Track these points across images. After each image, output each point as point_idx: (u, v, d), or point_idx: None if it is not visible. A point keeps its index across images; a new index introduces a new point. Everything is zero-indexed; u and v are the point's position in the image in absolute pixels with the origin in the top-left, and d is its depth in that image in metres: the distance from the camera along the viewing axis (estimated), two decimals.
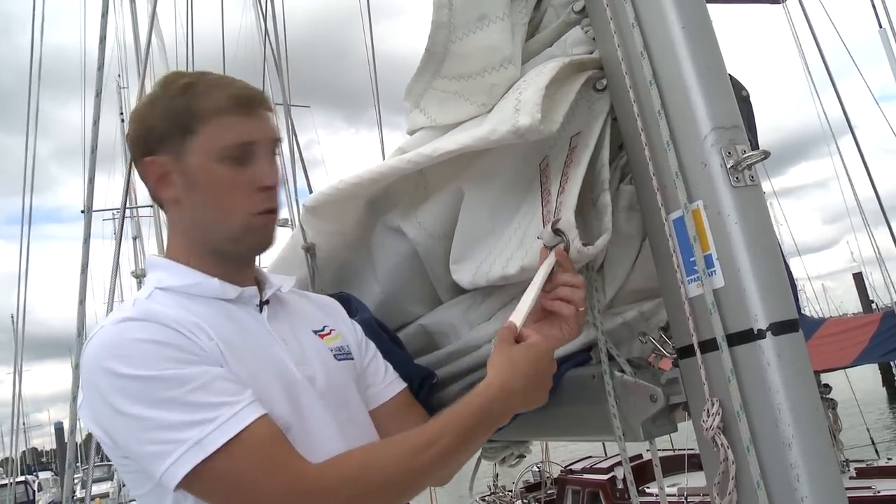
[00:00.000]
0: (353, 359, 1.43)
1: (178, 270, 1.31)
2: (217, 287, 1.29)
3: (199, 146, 1.27)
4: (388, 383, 1.50)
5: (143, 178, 1.35)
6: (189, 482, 1.09)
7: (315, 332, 1.40)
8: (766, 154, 1.22)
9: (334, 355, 1.39)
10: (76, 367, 2.10)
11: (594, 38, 1.44)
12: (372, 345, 1.52)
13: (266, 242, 1.35)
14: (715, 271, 1.22)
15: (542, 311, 1.35)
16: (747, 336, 1.20)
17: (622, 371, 1.43)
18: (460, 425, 1.21)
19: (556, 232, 1.33)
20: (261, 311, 1.34)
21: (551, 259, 1.33)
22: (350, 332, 1.49)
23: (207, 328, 1.20)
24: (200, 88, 1.29)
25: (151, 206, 12.76)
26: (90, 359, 1.15)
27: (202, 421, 1.09)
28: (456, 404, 1.21)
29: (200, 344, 1.17)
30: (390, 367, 1.52)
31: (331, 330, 1.43)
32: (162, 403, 1.10)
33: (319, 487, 1.12)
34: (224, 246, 1.31)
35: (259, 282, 1.38)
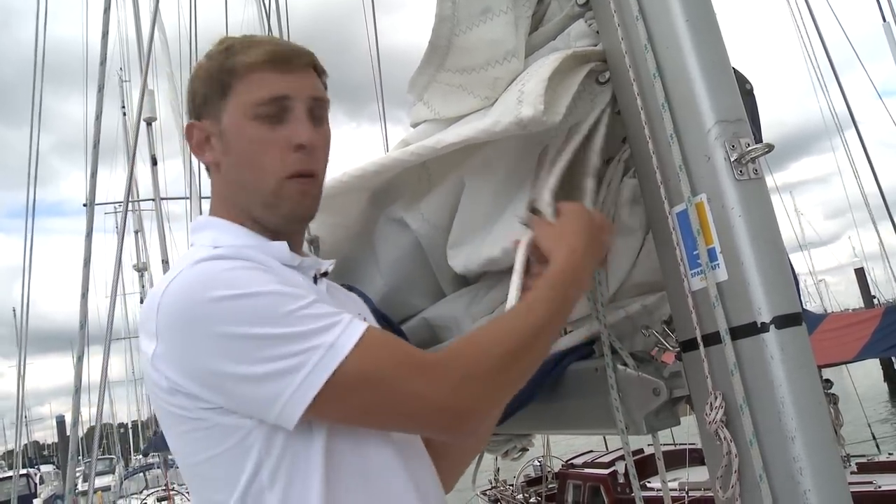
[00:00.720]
0: None
1: (233, 230, 1.24)
2: (283, 250, 1.22)
3: (233, 104, 1.23)
4: None
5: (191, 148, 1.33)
6: (328, 391, 1.03)
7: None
8: (770, 147, 1.22)
9: None
10: (79, 360, 2.12)
11: (598, 32, 1.43)
12: None
13: (302, 211, 1.26)
14: (718, 265, 1.22)
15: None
16: (750, 329, 1.20)
17: (625, 364, 1.43)
18: (554, 284, 1.23)
19: (534, 211, 1.34)
20: (315, 283, 1.28)
21: (528, 238, 1.33)
22: (376, 324, 1.45)
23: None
24: (237, 48, 1.25)
25: (153, 200, 12.76)
26: (181, 299, 1.07)
27: (327, 327, 1.05)
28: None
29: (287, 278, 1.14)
30: None
31: (364, 318, 1.37)
32: (283, 318, 1.04)
33: (455, 367, 1.10)
34: (260, 213, 1.24)
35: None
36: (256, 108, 1.21)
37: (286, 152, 1.21)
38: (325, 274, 1.30)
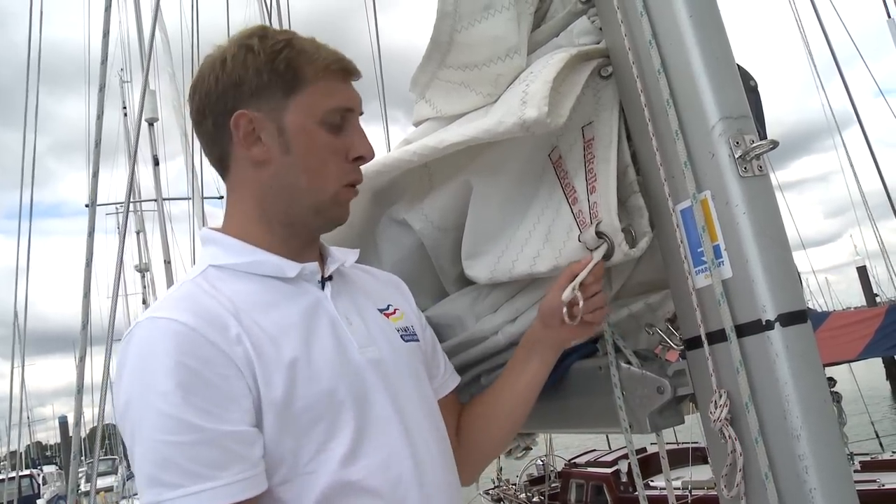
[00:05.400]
0: (419, 340, 1.38)
1: (234, 247, 1.24)
2: (276, 266, 1.22)
3: (300, 105, 1.21)
4: (448, 378, 1.48)
5: (209, 135, 1.27)
6: None
7: (380, 310, 1.35)
8: (775, 144, 1.21)
9: (401, 336, 1.33)
10: (81, 360, 2.11)
11: (601, 28, 1.42)
12: (432, 333, 1.48)
13: (345, 217, 1.30)
14: (723, 262, 1.21)
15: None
16: (755, 327, 1.18)
17: (629, 363, 1.42)
18: None
19: (599, 235, 1.33)
20: (323, 287, 1.27)
21: (591, 266, 1.32)
22: (414, 314, 1.44)
23: (248, 318, 1.14)
24: (305, 47, 1.24)
25: (155, 201, 12.77)
26: (117, 378, 1.11)
27: (168, 483, 1.03)
28: None
29: (227, 357, 1.08)
30: (448, 360, 1.50)
31: (395, 309, 1.38)
32: (153, 444, 1.05)
33: None
34: (306, 216, 1.25)
35: (321, 256, 1.33)
36: (326, 114, 1.23)
37: (345, 161, 1.25)
38: (330, 278, 1.29)
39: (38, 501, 26.57)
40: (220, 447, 1.04)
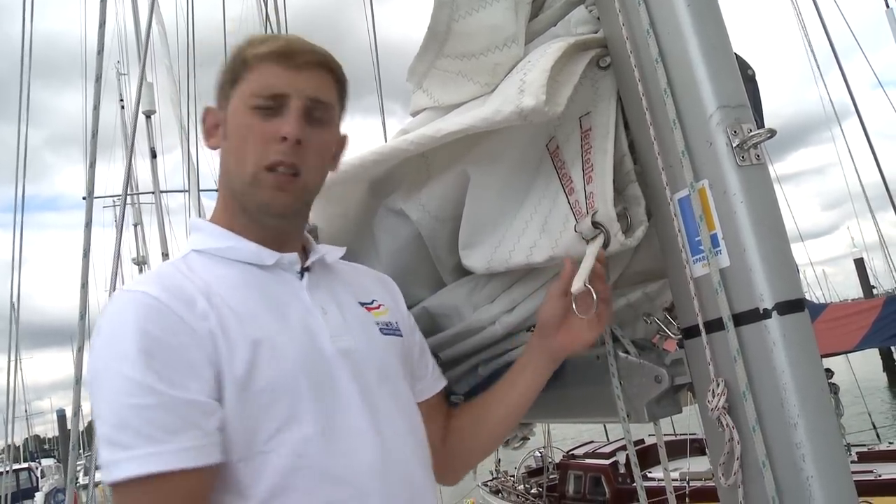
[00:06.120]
0: (401, 336, 1.39)
1: (215, 233, 1.30)
2: (253, 252, 1.26)
3: (238, 93, 1.27)
4: (434, 379, 1.49)
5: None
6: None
7: (362, 303, 1.37)
8: (773, 133, 1.21)
9: (380, 329, 1.35)
10: (79, 350, 2.11)
11: (599, 18, 1.42)
12: (421, 336, 1.50)
13: (276, 205, 1.25)
14: (720, 251, 1.21)
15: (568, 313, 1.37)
16: (753, 316, 1.19)
17: (626, 352, 1.42)
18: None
19: (595, 225, 1.33)
20: (301, 277, 1.30)
21: (591, 259, 1.32)
22: (402, 314, 1.46)
23: (219, 298, 1.17)
24: (256, 41, 1.30)
25: (153, 193, 12.73)
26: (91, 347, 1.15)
27: (122, 444, 1.05)
28: None
29: (191, 329, 1.12)
30: (435, 363, 1.52)
31: (379, 304, 1.40)
32: (116, 406, 1.08)
33: None
34: (242, 201, 1.28)
35: (305, 250, 1.36)
36: (254, 98, 1.25)
37: (270, 144, 1.23)
38: (308, 269, 1.32)
39: (36, 494, 26.58)
40: (176, 413, 1.07)
